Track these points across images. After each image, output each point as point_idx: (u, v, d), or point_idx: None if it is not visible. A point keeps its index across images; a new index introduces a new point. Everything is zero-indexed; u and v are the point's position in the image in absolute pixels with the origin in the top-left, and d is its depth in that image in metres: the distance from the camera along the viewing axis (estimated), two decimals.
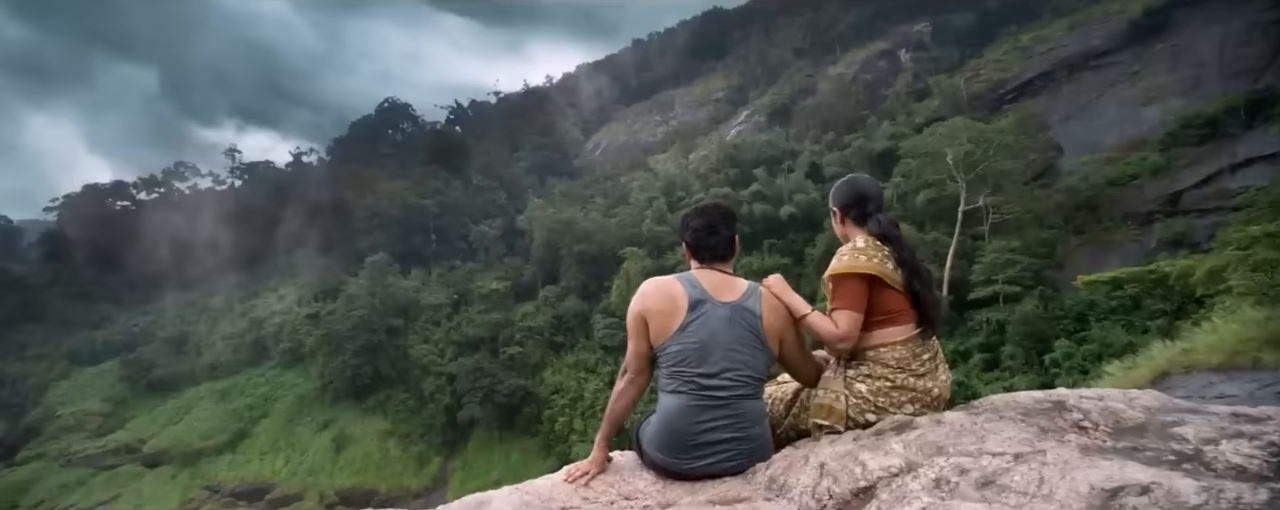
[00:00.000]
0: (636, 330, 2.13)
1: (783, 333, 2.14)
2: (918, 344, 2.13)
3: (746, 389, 2.09)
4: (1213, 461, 1.47)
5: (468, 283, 45.28)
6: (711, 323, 2.06)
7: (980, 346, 25.17)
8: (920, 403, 2.10)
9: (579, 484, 2.13)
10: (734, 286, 2.14)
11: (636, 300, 2.13)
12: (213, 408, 39.67)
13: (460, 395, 36.62)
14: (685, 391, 2.06)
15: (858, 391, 2.13)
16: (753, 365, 2.09)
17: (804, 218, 38.64)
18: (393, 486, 34.75)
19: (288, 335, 42.76)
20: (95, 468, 37.42)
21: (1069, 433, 1.75)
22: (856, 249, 2.18)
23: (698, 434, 2.03)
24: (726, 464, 2.06)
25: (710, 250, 2.22)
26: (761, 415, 2.17)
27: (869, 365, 2.15)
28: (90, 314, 50.79)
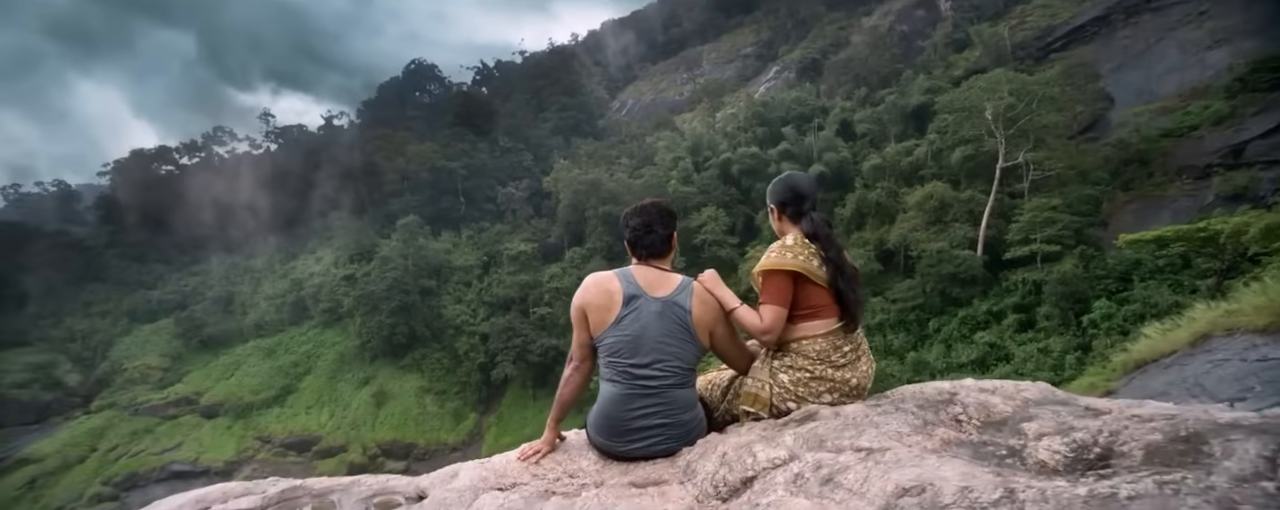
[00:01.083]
0: (578, 322, 2.30)
1: (712, 326, 2.28)
2: (839, 337, 2.28)
3: (676, 379, 2.25)
4: (1027, 456, 1.64)
5: (496, 244, 45.92)
6: (644, 317, 2.21)
7: (1015, 307, 24.57)
8: (839, 392, 2.26)
9: (531, 462, 2.34)
10: (667, 282, 2.28)
11: (578, 294, 2.28)
12: (260, 364, 41.78)
13: (493, 354, 37.66)
14: (619, 381, 2.23)
15: (781, 381, 2.30)
16: (682, 357, 2.24)
17: (834, 176, 37.67)
18: (431, 440, 36.35)
19: (326, 296, 44.34)
20: (159, 417, 40.09)
21: (942, 427, 1.93)
22: (785, 246, 2.31)
23: (631, 420, 2.21)
24: (657, 447, 2.24)
25: (646, 248, 2.34)
26: (691, 403, 2.32)
27: (792, 357, 2.30)
28: (145, 274, 53.48)
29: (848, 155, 39.03)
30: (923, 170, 33.26)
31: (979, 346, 23.98)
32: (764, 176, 40.53)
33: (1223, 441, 1.45)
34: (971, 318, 25.70)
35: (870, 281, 31.24)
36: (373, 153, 55.57)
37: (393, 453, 35.64)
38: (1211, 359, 5.39)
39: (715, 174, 42.44)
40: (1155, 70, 31.32)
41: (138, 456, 37.22)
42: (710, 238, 37.77)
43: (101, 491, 35.44)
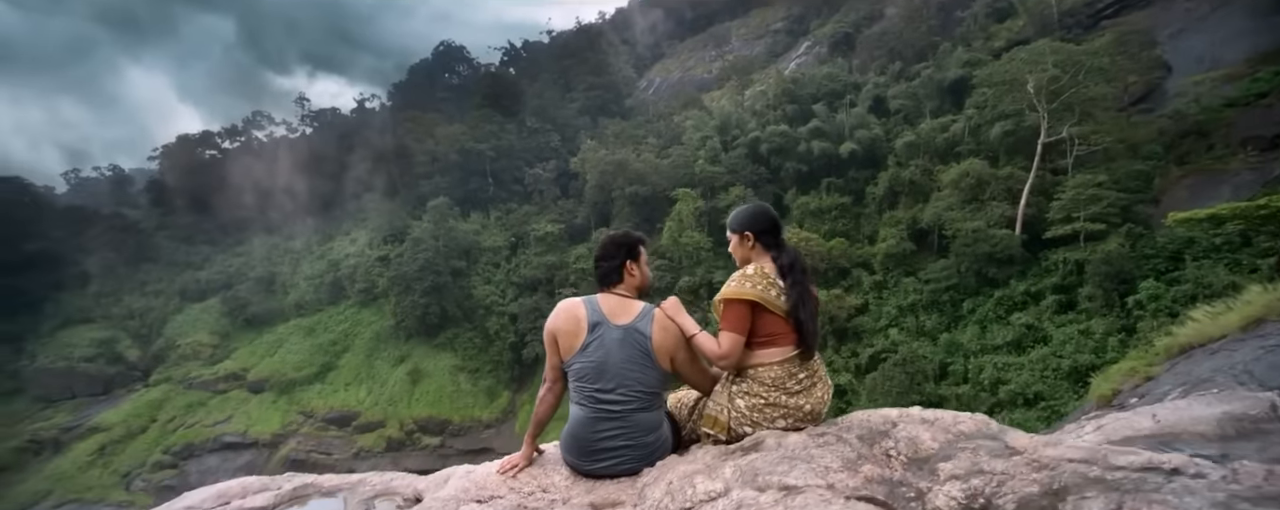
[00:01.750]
0: (549, 346, 2.46)
1: (673, 351, 2.41)
2: (795, 365, 2.39)
3: (638, 403, 2.38)
4: (929, 501, 1.77)
5: (524, 225, 46.35)
6: (607, 344, 2.35)
7: (1055, 288, 23.67)
8: (793, 418, 2.39)
9: (509, 475, 2.54)
10: (629, 309, 2.42)
11: (549, 320, 2.45)
12: (301, 342, 43.45)
13: (523, 334, 38.29)
14: (586, 405, 2.38)
15: (738, 406, 2.42)
16: (644, 382, 2.38)
17: (866, 155, 36.61)
18: (465, 417, 37.38)
19: (361, 276, 45.64)
20: (211, 392, 42.25)
21: (870, 464, 2.06)
22: (744, 276, 2.43)
23: (596, 441, 2.38)
24: (621, 467, 2.39)
25: (601, 278, 2.52)
26: (654, 426, 2.46)
27: (749, 382, 2.42)
28: (193, 255, 55.97)
29: (880, 132, 37.82)
30: (959, 147, 32.04)
31: (1015, 328, 23.25)
32: (794, 155, 39.68)
33: (1078, 498, 1.58)
34: (1008, 299, 24.88)
35: (902, 262, 30.49)
36: (403, 135, 56.43)
37: (429, 429, 36.78)
38: (1264, 344, 5.06)
39: (743, 153, 41.71)
40: (1219, 35, 29.19)
41: (193, 428, 39.37)
42: None
43: (162, 460, 37.71)
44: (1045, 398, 19.96)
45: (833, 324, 29.38)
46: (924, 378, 23.95)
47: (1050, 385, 20.23)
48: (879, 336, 28.24)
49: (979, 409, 22.11)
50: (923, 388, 23.69)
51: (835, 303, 29.38)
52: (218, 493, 3.74)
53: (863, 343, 28.68)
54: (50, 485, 37.22)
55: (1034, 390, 20.42)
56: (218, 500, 3.61)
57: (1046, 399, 19.89)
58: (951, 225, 27.38)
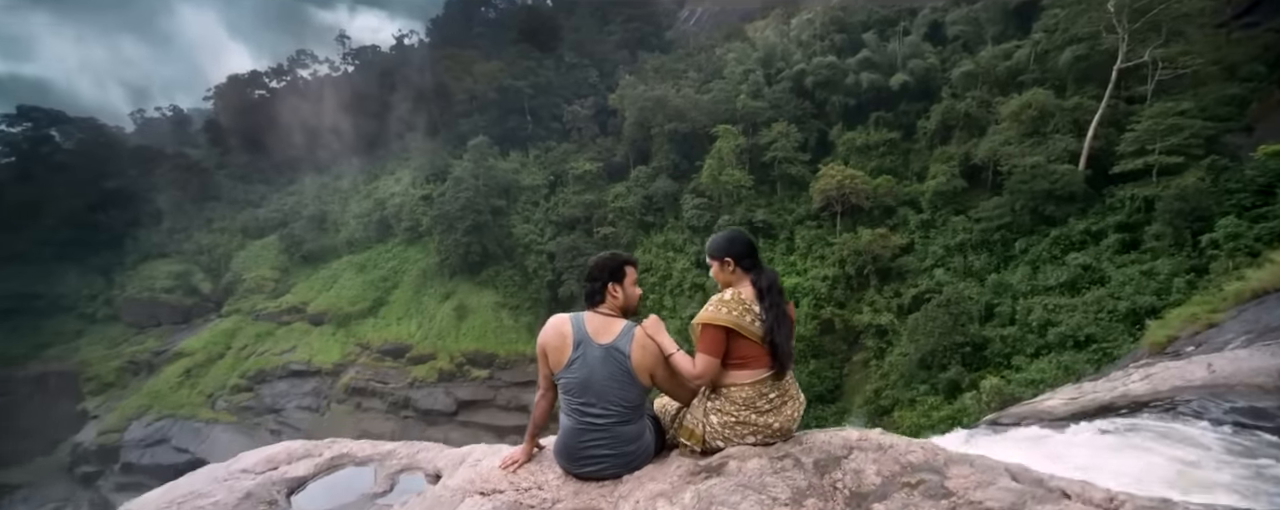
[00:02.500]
0: (541, 359, 2.71)
1: (651, 368, 2.58)
2: (766, 385, 2.57)
3: (619, 418, 2.60)
4: None
5: (562, 163, 46.16)
6: (590, 361, 2.55)
7: (1118, 226, 22.19)
8: (762, 435, 2.59)
9: (510, 470, 2.81)
10: (611, 328, 2.60)
11: (540, 335, 2.69)
12: (354, 278, 45.56)
13: (560, 272, 38.98)
14: (572, 416, 2.62)
15: (711, 422, 2.63)
16: (625, 399, 2.58)
17: (918, 86, 34.34)
18: (509, 351, 38.90)
19: (407, 215, 46.90)
20: (276, 323, 45.21)
21: (813, 497, 2.21)
22: (722, 301, 2.56)
23: (582, 450, 2.63)
24: (605, 472, 2.64)
25: (587, 297, 2.73)
26: (635, 436, 2.67)
27: (722, 401, 2.61)
28: (250, 194, 58.58)
29: (935, 61, 35.23)
30: (1022, 76, 29.59)
31: (1070, 268, 22.09)
32: (841, 88, 37.59)
33: None
34: (1065, 238, 23.54)
35: (952, 200, 29.09)
36: (442, 73, 56.08)
37: (476, 362, 38.54)
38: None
39: (788, 87, 39.76)
40: None
41: (263, 356, 42.50)
42: (780, 155, 36.05)
43: (239, 383, 41.10)
44: (1097, 340, 19.15)
45: (876, 264, 28.68)
46: (968, 319, 23.29)
47: (1104, 327, 19.35)
48: (923, 277, 27.43)
49: (1025, 351, 21.54)
50: (966, 329, 23.10)
51: (878, 242, 28.53)
52: (267, 457, 4.26)
53: (906, 283, 27.96)
54: (149, 401, 41.29)
55: (1086, 332, 19.58)
56: (267, 465, 4.12)
57: (1099, 341, 19.08)
58: (1008, 161, 25.71)
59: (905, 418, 23.26)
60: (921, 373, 24.23)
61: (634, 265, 2.79)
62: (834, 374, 29.06)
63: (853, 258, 29.20)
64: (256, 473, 3.93)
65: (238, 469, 4.08)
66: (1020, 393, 19.62)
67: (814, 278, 31.46)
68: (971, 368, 22.77)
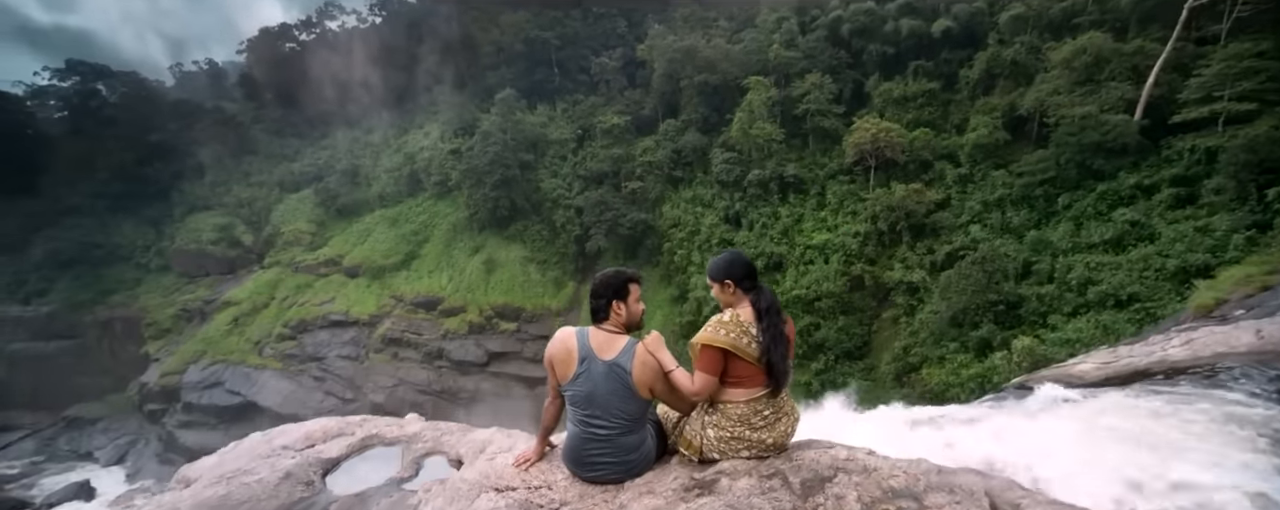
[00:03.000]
0: (548, 370, 2.87)
1: (651, 383, 2.72)
2: (761, 403, 2.73)
3: (621, 429, 2.78)
4: None
5: (590, 117, 45.56)
6: (593, 376, 2.71)
7: (1174, 179, 20.95)
8: (756, 449, 2.76)
9: (522, 468, 3.11)
10: (614, 345, 2.75)
11: (547, 347, 2.86)
12: (387, 232, 46.56)
13: (587, 227, 39.06)
14: (578, 426, 2.82)
15: (708, 436, 2.80)
16: (627, 412, 2.75)
17: (962, 33, 32.42)
18: (536, 305, 39.61)
19: (436, 169, 47.28)
20: (314, 275, 46.80)
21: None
22: (721, 323, 2.69)
23: (586, 457, 2.83)
24: (609, 477, 2.84)
25: (592, 314, 2.86)
26: (637, 445, 2.85)
27: (719, 416, 2.78)
28: (285, 147, 59.63)
29: (983, 4, 33.00)
30: (1078, 18, 27.58)
31: (1117, 225, 21.07)
32: (879, 36, 35.77)
33: None
34: (1113, 192, 22.37)
35: (992, 153, 27.84)
36: (468, 24, 55.25)
37: (505, 315, 39.41)
38: None
39: (823, 35, 38.00)
40: None
41: (304, 307, 44.21)
42: (813, 107, 34.81)
43: (283, 332, 43.01)
44: (1141, 299, 18.42)
45: (909, 220, 27.88)
46: (1004, 276, 22.62)
47: (1149, 286, 18.56)
48: (958, 233, 26.60)
49: (1062, 310, 20.89)
50: (1001, 287, 22.47)
51: (913, 197, 27.64)
52: (305, 434, 4.70)
53: (940, 239, 27.19)
54: (203, 347, 43.72)
55: (1129, 291, 18.83)
56: (304, 441, 4.55)
57: (1142, 301, 18.35)
58: (1056, 111, 24.29)
59: (933, 375, 23.06)
60: (952, 331, 23.82)
61: (638, 282, 2.92)
62: (862, 331, 28.83)
63: (885, 214, 28.41)
64: (295, 450, 4.32)
65: (279, 445, 4.49)
66: (1053, 354, 19.16)
67: (845, 234, 30.83)
68: (1004, 326, 22.26)
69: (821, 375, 28.01)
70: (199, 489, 3.90)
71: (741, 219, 35.24)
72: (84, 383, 49.02)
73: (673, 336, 34.45)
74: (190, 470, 4.61)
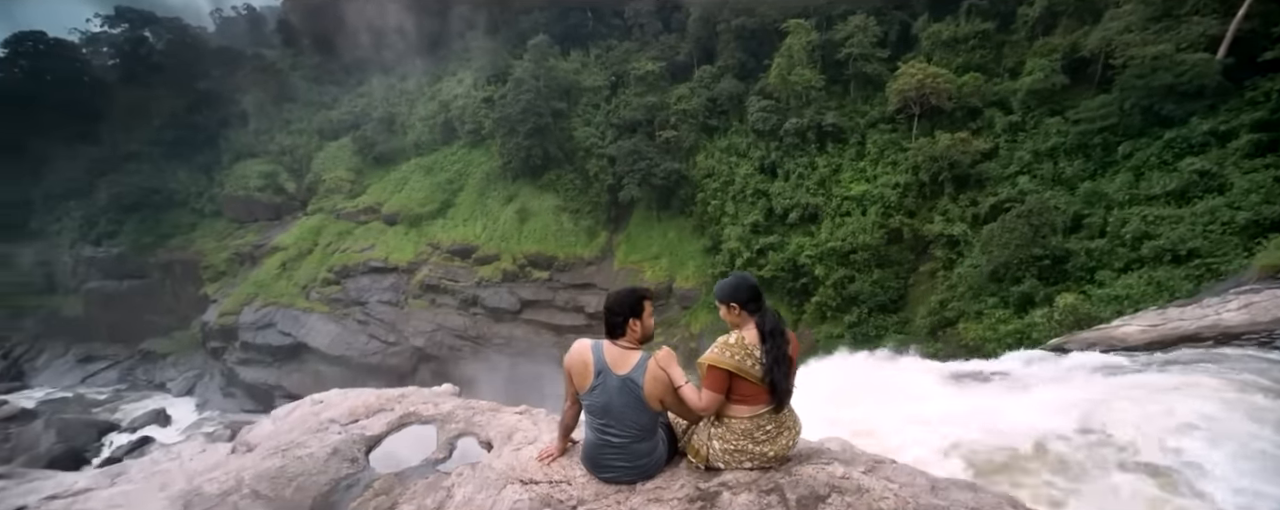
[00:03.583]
0: (566, 378, 3.10)
1: (662, 396, 2.94)
2: (764, 418, 2.93)
3: (634, 438, 3.00)
4: None
5: (624, 63, 44.40)
6: (608, 390, 2.93)
7: (1254, 124, 19.30)
8: (757, 462, 2.96)
9: (545, 463, 3.39)
10: (628, 360, 2.94)
11: (566, 357, 3.07)
12: (423, 180, 47.24)
13: (620, 176, 38.71)
14: (594, 433, 3.07)
15: (713, 447, 3.00)
16: (639, 423, 2.98)
17: None
18: (568, 254, 39.98)
19: (469, 118, 47.24)
20: (355, 222, 48.20)
21: None
22: (727, 345, 2.87)
23: (602, 460, 3.08)
24: (623, 479, 3.07)
25: (608, 330, 3.03)
26: (649, 451, 3.07)
27: (724, 428, 2.98)
28: (323, 95, 60.26)
29: None
30: None
31: (1182, 175, 19.65)
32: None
33: None
34: (1182, 140, 20.77)
35: (1048, 98, 26.08)
36: None
37: (537, 263, 40.00)
38: None
39: None
40: None
41: (346, 253, 45.81)
42: (856, 51, 33.05)
43: (327, 277, 44.83)
44: (1202, 255, 17.33)
45: (953, 170, 26.66)
46: (1051, 230, 21.57)
47: (1213, 241, 17.41)
48: (1004, 184, 25.35)
49: (1112, 265, 19.89)
50: (1047, 241, 21.48)
51: (958, 147, 26.31)
52: (350, 408, 5.10)
53: (985, 191, 25.99)
54: (255, 290, 46.07)
55: (1189, 246, 17.73)
56: (350, 416, 4.95)
57: (1203, 256, 17.28)
58: (1124, 51, 22.39)
59: (970, 330, 22.53)
60: (992, 285, 23.06)
61: (651, 299, 3.12)
62: (898, 284, 28.22)
63: (928, 164, 27.18)
64: (341, 425, 4.71)
65: (327, 417, 4.89)
66: (1098, 312, 18.41)
67: (883, 185, 29.74)
68: (1048, 282, 21.39)
69: (854, 328, 27.74)
70: (259, 458, 4.35)
71: (777, 169, 34.32)
72: (154, 320, 52.65)
73: (704, 288, 34.49)
74: (251, 435, 5.10)
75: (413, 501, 3.54)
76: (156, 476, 5.08)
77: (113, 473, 5.97)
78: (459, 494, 3.39)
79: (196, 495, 3.97)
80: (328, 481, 3.91)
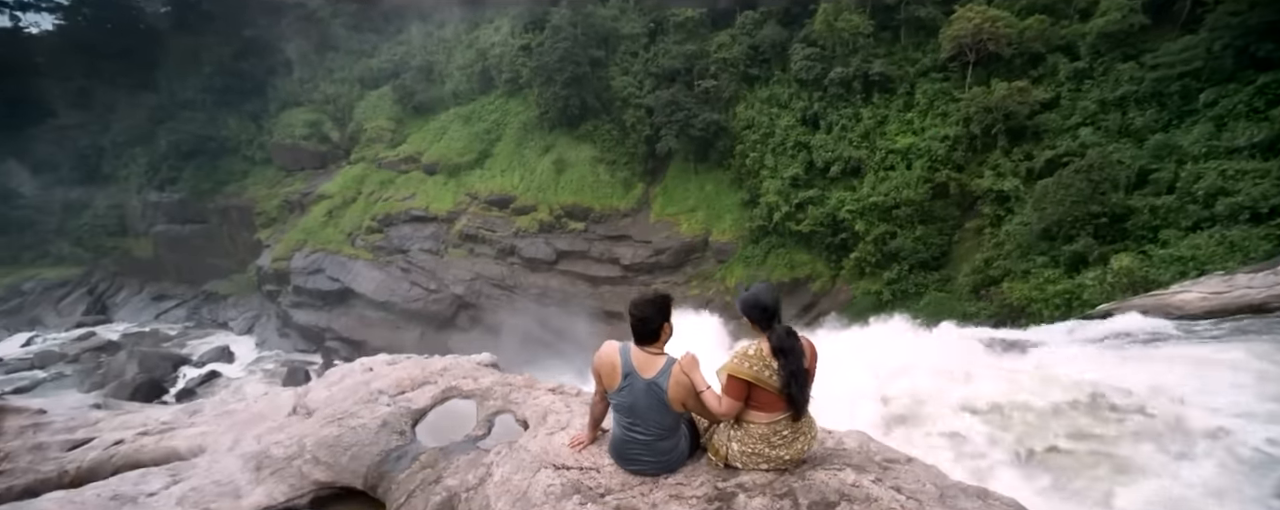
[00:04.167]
0: (595, 376, 3.29)
1: (684, 399, 3.09)
2: (782, 425, 3.07)
3: (658, 436, 3.19)
4: None
5: (663, 9, 42.80)
6: (635, 392, 3.10)
7: None
8: (773, 464, 3.13)
9: (577, 450, 3.60)
10: (654, 365, 3.10)
11: (595, 358, 3.24)
12: (461, 129, 47.44)
13: (658, 127, 38.00)
14: (621, 429, 3.27)
15: (732, 448, 3.16)
16: (663, 423, 3.17)
17: None
18: (605, 206, 39.87)
19: (507, 66, 46.77)
20: (396, 171, 49.07)
21: None
22: (745, 356, 3.01)
23: (628, 454, 3.29)
24: (647, 471, 3.27)
25: (641, 336, 3.14)
26: (672, 447, 3.27)
27: (743, 432, 3.13)
28: (363, 43, 60.46)
29: None
30: None
31: (1274, 124, 17.97)
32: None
33: None
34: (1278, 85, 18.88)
35: (1123, 42, 24.02)
36: None
37: (574, 215, 40.10)
38: None
39: None
40: None
41: (388, 201, 46.90)
42: None
43: (371, 225, 46.17)
44: None
45: (1008, 122, 25.13)
46: (1112, 186, 20.27)
47: None
48: (1064, 137, 23.79)
49: (1179, 223, 18.64)
50: (1107, 197, 20.24)
51: (1015, 97, 24.67)
52: (397, 380, 5.39)
53: (1041, 144, 24.49)
54: (304, 236, 47.95)
55: (1273, 202, 16.42)
56: (397, 387, 5.25)
57: None
58: None
59: (1015, 289, 21.73)
60: (1042, 244, 22.03)
61: (672, 300, 3.30)
62: (942, 241, 27.25)
63: (981, 115, 25.64)
64: (390, 396, 5.05)
65: (376, 388, 5.22)
66: (1156, 275, 17.41)
67: (931, 137, 28.32)
68: (1104, 241, 20.27)
69: (893, 285, 27.11)
70: (318, 425, 4.72)
71: (819, 121, 33.02)
72: (215, 263, 55.74)
73: (741, 242, 34.08)
74: (308, 397, 5.55)
75: (456, 476, 3.78)
76: (227, 418, 5.54)
77: (190, 409, 6.54)
78: (497, 473, 3.62)
79: (266, 457, 4.39)
80: (379, 452, 4.24)
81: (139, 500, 3.80)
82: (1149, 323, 11.79)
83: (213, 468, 4.19)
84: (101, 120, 63.04)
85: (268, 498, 3.88)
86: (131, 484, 3.98)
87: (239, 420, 5.60)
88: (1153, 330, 11.47)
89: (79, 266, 59.04)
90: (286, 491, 3.95)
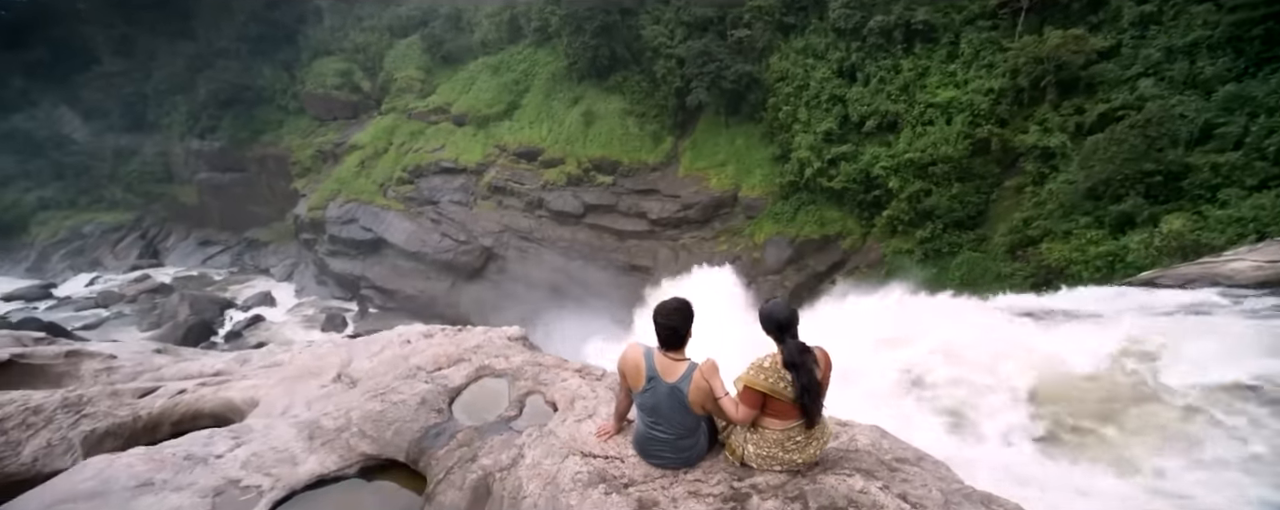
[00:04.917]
0: (620, 375, 3.52)
1: (703, 402, 3.29)
2: (795, 431, 3.25)
3: (679, 435, 3.39)
4: None
5: None
6: (658, 394, 3.30)
7: None
8: (786, 467, 3.30)
9: (603, 439, 3.81)
10: (676, 370, 3.28)
11: (619, 359, 3.46)
12: (490, 80, 46.96)
13: (688, 79, 36.95)
14: (644, 426, 3.47)
15: (748, 450, 3.34)
16: (685, 424, 3.36)
17: None
18: (633, 159, 39.48)
19: (535, 14, 45.59)
20: (425, 122, 49.24)
21: None
22: (761, 368, 3.19)
23: (650, 450, 3.49)
24: (668, 465, 3.46)
25: (666, 344, 3.32)
26: (692, 444, 3.45)
27: (758, 436, 3.31)
28: None
29: None
30: None
31: None
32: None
33: None
34: None
35: None
36: None
37: (602, 168, 39.87)
38: None
39: None
40: None
41: (419, 152, 47.29)
42: None
43: (401, 176, 46.78)
44: None
45: (1059, 73, 23.74)
46: (1171, 142, 19.18)
47: None
48: (1121, 89, 22.40)
49: (1243, 182, 17.71)
50: (1163, 154, 19.23)
51: (1070, 45, 23.17)
52: (433, 356, 5.71)
53: (1095, 97, 23.14)
54: (338, 186, 48.98)
55: None
56: (433, 364, 5.57)
57: None
58: None
59: (1054, 250, 21.16)
60: (1087, 204, 21.20)
61: None
62: (979, 199, 26.43)
63: (1029, 66, 24.21)
64: (428, 372, 5.43)
65: (415, 364, 5.58)
66: (1211, 238, 16.69)
67: (974, 91, 26.98)
68: (1156, 201, 19.40)
69: (926, 244, 26.60)
70: (362, 398, 5.03)
71: (857, 72, 31.64)
72: (256, 210, 57.66)
73: (771, 198, 33.59)
74: (351, 369, 5.94)
75: (490, 456, 3.99)
76: (276, 371, 5.96)
77: (240, 358, 7.08)
78: (529, 455, 3.82)
79: (318, 427, 4.69)
80: (419, 429, 4.52)
81: (209, 461, 4.16)
82: None
83: (270, 434, 4.55)
84: (143, 68, 64.25)
85: (321, 466, 4.20)
86: (201, 445, 4.36)
87: (288, 374, 5.99)
88: None
89: (131, 211, 61.82)
90: (337, 461, 4.26)
